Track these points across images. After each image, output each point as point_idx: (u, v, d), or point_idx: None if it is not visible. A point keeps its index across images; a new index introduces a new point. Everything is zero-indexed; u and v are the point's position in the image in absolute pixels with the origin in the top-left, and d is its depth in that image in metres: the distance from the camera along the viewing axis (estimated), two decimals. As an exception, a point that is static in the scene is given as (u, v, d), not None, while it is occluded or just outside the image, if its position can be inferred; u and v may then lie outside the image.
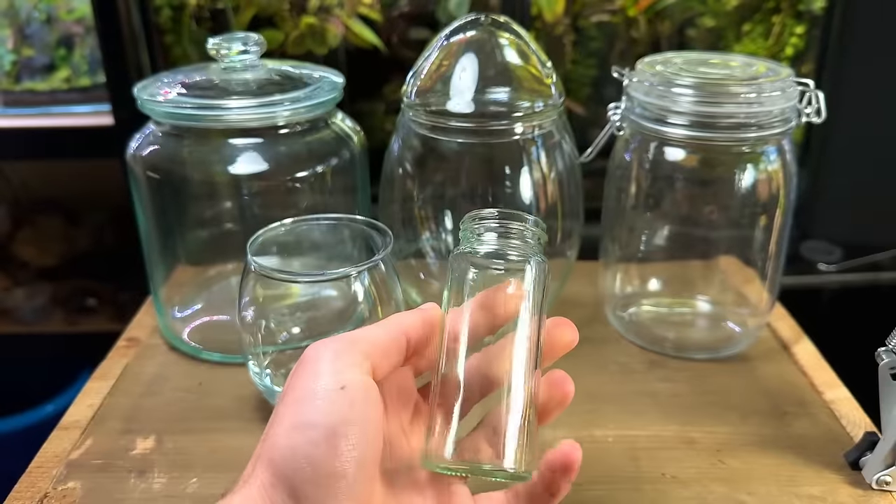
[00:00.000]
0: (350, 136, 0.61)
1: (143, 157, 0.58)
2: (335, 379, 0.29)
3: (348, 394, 0.29)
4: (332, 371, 0.30)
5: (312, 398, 0.29)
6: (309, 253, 0.53)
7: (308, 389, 0.29)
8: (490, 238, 0.35)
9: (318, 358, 0.30)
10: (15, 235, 1.18)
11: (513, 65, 0.56)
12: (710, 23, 0.77)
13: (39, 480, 0.47)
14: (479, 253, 0.35)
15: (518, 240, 0.35)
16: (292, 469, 0.28)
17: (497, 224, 0.35)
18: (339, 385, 0.29)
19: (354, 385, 0.29)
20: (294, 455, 0.29)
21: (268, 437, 0.30)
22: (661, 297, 0.66)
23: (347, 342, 0.31)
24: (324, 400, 0.29)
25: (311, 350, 0.31)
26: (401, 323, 0.33)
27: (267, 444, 0.30)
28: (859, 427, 0.52)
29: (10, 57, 0.98)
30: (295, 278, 0.46)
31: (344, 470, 0.28)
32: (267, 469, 0.29)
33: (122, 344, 0.63)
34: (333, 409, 0.29)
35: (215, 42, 0.58)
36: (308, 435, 0.28)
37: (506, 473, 0.32)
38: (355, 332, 0.32)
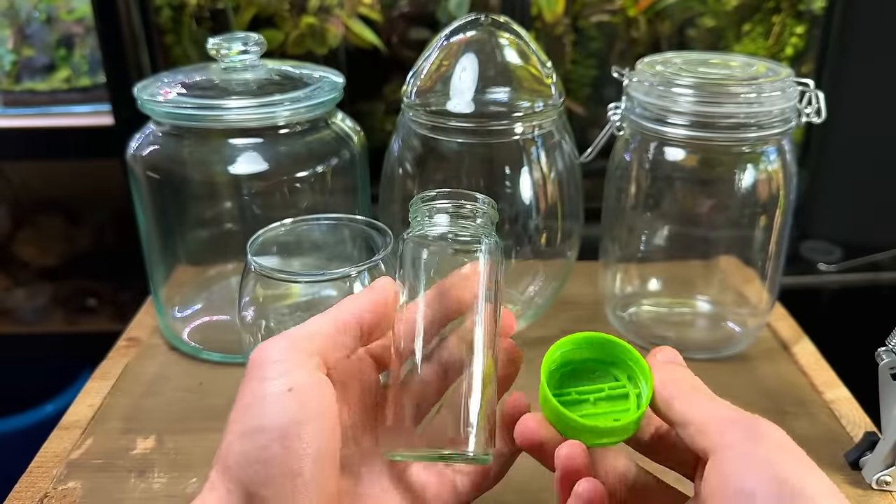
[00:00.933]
0: (350, 136, 0.61)
1: (144, 157, 0.58)
2: (282, 381, 0.29)
3: (297, 395, 0.29)
4: (278, 373, 0.30)
5: (261, 402, 0.29)
6: (309, 253, 0.53)
7: (256, 394, 0.29)
8: (441, 219, 0.35)
9: (264, 360, 0.30)
10: (15, 235, 1.19)
11: (513, 65, 0.56)
12: (710, 23, 0.77)
13: (39, 480, 0.48)
14: (429, 235, 0.35)
15: (469, 220, 0.35)
16: (246, 475, 0.28)
17: (447, 204, 0.35)
18: (286, 387, 0.29)
19: (302, 385, 0.29)
20: (247, 460, 0.29)
21: (222, 445, 0.30)
22: (661, 297, 0.66)
23: (293, 340, 0.31)
24: (272, 403, 0.29)
25: (257, 352, 0.31)
26: (351, 309, 0.32)
27: (221, 451, 0.30)
28: (859, 427, 0.52)
29: (11, 57, 0.98)
30: (295, 278, 0.46)
31: (300, 468, 0.28)
32: (222, 477, 0.29)
33: (122, 344, 0.63)
34: (282, 411, 0.29)
35: (215, 42, 0.58)
36: (258, 440, 0.29)
37: (466, 458, 0.32)
38: (302, 328, 0.32)
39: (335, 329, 0.32)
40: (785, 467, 0.27)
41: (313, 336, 0.31)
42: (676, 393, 0.31)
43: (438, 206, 0.35)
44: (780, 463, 0.27)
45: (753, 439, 0.28)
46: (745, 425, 0.29)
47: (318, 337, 0.31)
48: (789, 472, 0.27)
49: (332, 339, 0.31)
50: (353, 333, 0.32)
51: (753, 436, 0.28)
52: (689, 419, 0.30)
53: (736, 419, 0.29)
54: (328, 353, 0.31)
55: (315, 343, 0.31)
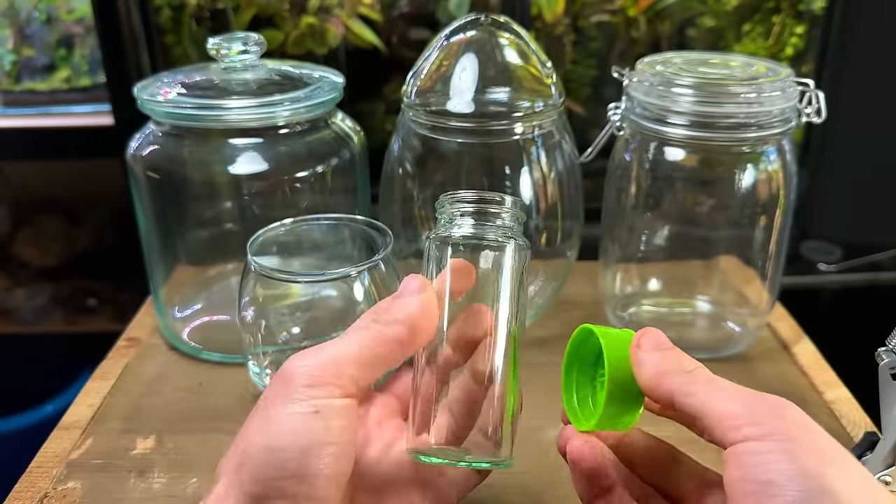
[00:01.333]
0: (350, 136, 0.61)
1: (144, 157, 0.58)
2: (309, 404, 0.29)
3: (322, 418, 0.29)
4: (306, 394, 0.29)
5: (285, 421, 0.29)
6: (309, 253, 0.53)
7: (280, 411, 0.29)
8: (467, 221, 0.34)
9: (293, 378, 0.30)
10: (15, 235, 1.18)
11: (513, 65, 0.56)
12: (710, 23, 0.77)
13: (39, 480, 0.47)
14: (454, 236, 0.34)
15: (495, 221, 0.34)
16: (260, 488, 0.29)
17: (473, 206, 0.34)
18: (312, 409, 0.29)
19: (328, 409, 0.29)
20: (263, 475, 0.29)
21: (238, 451, 0.30)
22: (661, 297, 0.66)
23: (325, 362, 0.30)
24: (296, 423, 0.29)
25: (288, 366, 0.30)
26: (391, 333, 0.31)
27: (234, 458, 0.30)
28: (859, 427, 0.52)
29: (11, 57, 0.98)
30: (295, 278, 0.46)
31: (313, 488, 0.28)
32: (234, 486, 0.29)
33: (122, 344, 0.63)
34: (306, 432, 0.29)
35: (215, 42, 0.58)
36: (278, 457, 0.29)
37: (494, 463, 0.32)
38: (336, 348, 0.31)
39: (369, 352, 0.31)
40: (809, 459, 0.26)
41: (346, 358, 0.30)
42: (674, 386, 0.30)
43: (464, 207, 0.34)
44: (802, 454, 0.26)
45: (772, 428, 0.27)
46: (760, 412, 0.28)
47: (350, 360, 0.30)
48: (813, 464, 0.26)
49: (367, 362, 0.31)
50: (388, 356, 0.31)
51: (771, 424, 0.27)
52: (696, 412, 0.29)
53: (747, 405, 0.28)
54: (362, 378, 0.31)
55: (347, 367, 0.30)
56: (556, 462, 0.49)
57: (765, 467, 0.26)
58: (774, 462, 0.26)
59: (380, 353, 0.31)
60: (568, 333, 0.36)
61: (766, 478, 0.26)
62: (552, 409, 0.54)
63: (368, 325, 0.31)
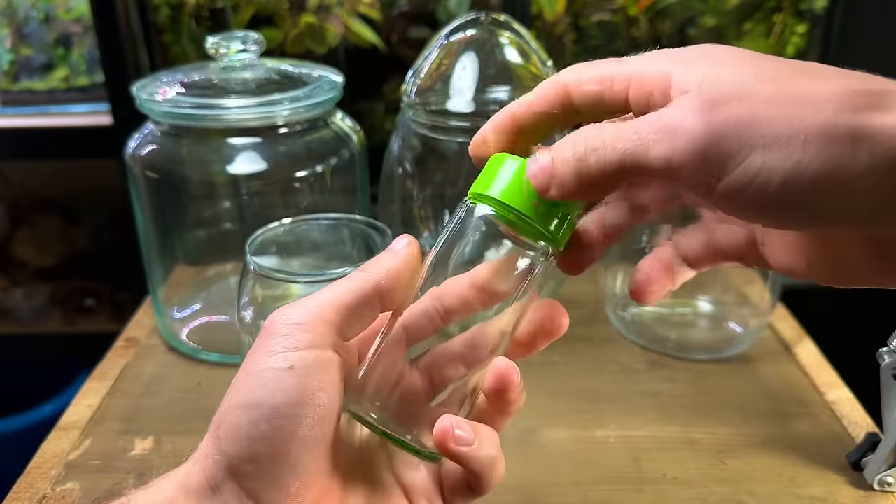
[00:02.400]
0: (349, 135, 0.61)
1: (142, 157, 0.57)
2: (285, 357, 0.28)
3: (296, 374, 0.28)
4: (283, 347, 0.28)
5: (259, 376, 0.28)
6: (308, 253, 0.53)
7: (257, 367, 0.28)
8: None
9: (274, 332, 0.29)
10: (13, 235, 1.18)
11: (513, 64, 0.56)
12: (711, 22, 0.77)
13: (38, 481, 0.47)
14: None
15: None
16: (233, 448, 0.28)
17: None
18: (287, 364, 0.28)
19: (305, 364, 0.28)
20: (236, 434, 0.28)
21: (220, 409, 0.29)
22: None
23: (307, 311, 0.29)
24: (270, 379, 0.28)
25: (270, 319, 0.29)
26: (370, 277, 0.30)
27: (215, 419, 0.29)
28: (861, 428, 0.51)
29: (8, 56, 0.98)
30: (294, 278, 0.46)
31: (286, 450, 0.27)
32: (212, 445, 0.29)
33: (120, 344, 0.62)
34: (278, 390, 0.28)
35: (214, 41, 0.57)
36: (251, 415, 0.28)
37: (424, 453, 0.30)
38: (319, 297, 0.29)
39: (353, 298, 0.29)
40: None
41: (329, 306, 0.29)
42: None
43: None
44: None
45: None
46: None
47: (334, 308, 0.29)
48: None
49: (351, 309, 0.29)
50: (371, 303, 0.30)
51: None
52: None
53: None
54: (346, 324, 0.29)
55: (330, 315, 0.29)
56: (554, 462, 0.49)
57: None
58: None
59: (361, 300, 0.30)
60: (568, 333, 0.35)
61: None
62: (551, 410, 0.54)
63: (352, 275, 0.31)
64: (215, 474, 0.28)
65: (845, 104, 0.23)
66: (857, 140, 0.23)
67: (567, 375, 0.57)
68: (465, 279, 0.31)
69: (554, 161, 0.27)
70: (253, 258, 0.46)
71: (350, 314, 0.29)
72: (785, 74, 0.24)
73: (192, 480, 0.28)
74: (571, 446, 0.50)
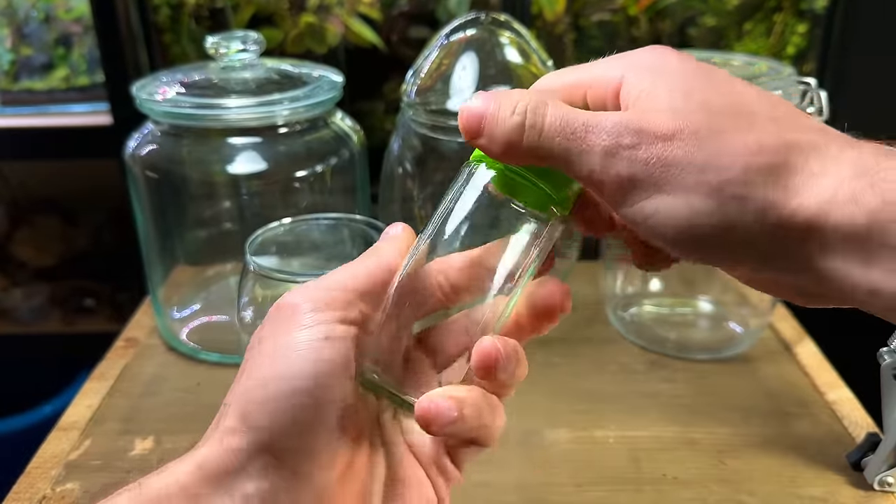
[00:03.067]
0: (349, 135, 0.61)
1: (142, 157, 0.57)
2: (319, 329, 0.28)
3: (333, 345, 0.27)
4: (315, 321, 0.28)
5: (294, 348, 0.27)
6: (308, 253, 0.52)
7: (288, 339, 0.28)
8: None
9: (298, 307, 0.28)
10: (13, 235, 1.18)
11: (513, 64, 0.56)
12: (712, 22, 0.77)
13: (38, 481, 0.47)
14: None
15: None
16: (269, 422, 0.27)
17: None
18: (323, 335, 0.27)
19: (339, 334, 0.28)
20: (273, 405, 0.27)
21: (239, 389, 0.28)
22: (663, 297, 0.66)
23: (328, 290, 0.29)
24: (308, 350, 0.27)
25: (288, 296, 0.29)
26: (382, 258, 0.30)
27: (239, 396, 0.28)
28: (861, 428, 0.51)
29: (9, 56, 0.97)
30: (294, 278, 0.46)
31: (325, 420, 0.27)
32: (238, 421, 0.27)
33: (120, 344, 0.62)
34: (318, 359, 0.27)
35: (214, 41, 0.57)
36: (288, 386, 0.27)
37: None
38: (336, 276, 0.29)
39: (369, 278, 0.29)
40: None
41: (348, 287, 0.29)
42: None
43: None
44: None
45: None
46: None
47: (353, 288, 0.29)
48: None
49: (370, 287, 0.29)
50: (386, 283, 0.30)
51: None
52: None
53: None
54: (364, 298, 0.29)
55: (350, 295, 0.29)
56: (554, 463, 0.49)
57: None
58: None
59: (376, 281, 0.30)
60: (569, 334, 0.36)
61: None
62: (551, 411, 0.54)
63: (363, 258, 0.31)
64: (242, 452, 0.27)
65: (752, 166, 0.24)
66: (748, 203, 0.24)
67: (567, 376, 0.57)
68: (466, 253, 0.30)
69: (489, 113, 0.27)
70: (253, 258, 0.46)
71: (366, 294, 0.29)
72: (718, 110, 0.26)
73: (212, 461, 0.28)
74: (571, 447, 0.50)
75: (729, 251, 0.26)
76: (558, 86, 0.29)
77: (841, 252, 0.24)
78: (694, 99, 0.26)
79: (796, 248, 0.25)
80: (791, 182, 0.24)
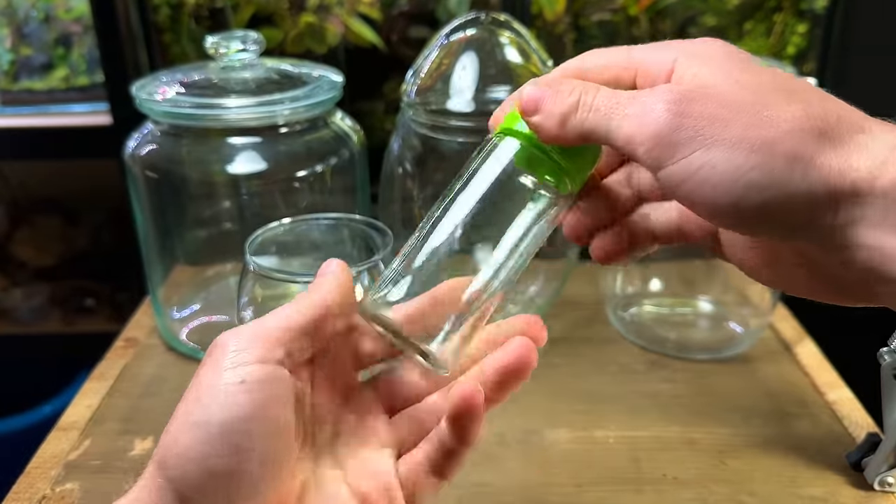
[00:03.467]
0: (349, 135, 0.61)
1: (142, 157, 0.57)
2: (235, 372, 0.27)
3: (247, 390, 0.27)
4: (233, 363, 0.27)
5: (209, 393, 0.27)
6: (308, 253, 0.52)
7: (206, 383, 0.27)
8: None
9: (222, 350, 0.28)
10: (13, 235, 1.18)
11: (513, 63, 0.56)
12: (712, 21, 0.77)
13: (38, 481, 0.47)
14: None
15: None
16: (184, 472, 0.26)
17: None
18: (238, 379, 0.27)
19: (256, 378, 0.27)
20: (186, 456, 0.26)
21: (162, 439, 0.28)
22: (663, 297, 0.65)
23: (254, 330, 0.29)
24: (221, 394, 0.27)
25: (217, 340, 0.29)
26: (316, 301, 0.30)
27: (160, 445, 0.27)
28: (861, 428, 0.51)
29: (8, 56, 0.97)
30: (294, 278, 0.45)
31: (243, 469, 0.26)
32: (158, 471, 0.27)
33: (120, 344, 0.62)
34: (232, 405, 0.27)
35: (214, 41, 0.57)
36: (200, 434, 0.26)
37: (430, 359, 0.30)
38: (266, 318, 0.29)
39: (302, 318, 0.29)
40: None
41: (277, 327, 0.29)
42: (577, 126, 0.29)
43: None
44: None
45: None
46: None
47: (281, 328, 0.29)
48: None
49: (300, 328, 0.29)
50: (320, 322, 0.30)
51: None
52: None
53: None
54: (296, 344, 0.29)
55: (278, 333, 0.29)
56: (554, 463, 0.49)
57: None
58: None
59: (309, 322, 0.30)
60: (569, 334, 0.36)
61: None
62: (551, 411, 0.54)
63: (298, 299, 0.30)
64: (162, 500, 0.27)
65: (799, 128, 0.25)
66: (796, 161, 0.24)
67: (567, 376, 0.57)
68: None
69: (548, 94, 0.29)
70: (253, 258, 0.46)
71: (299, 335, 0.29)
72: (764, 88, 0.26)
73: None
74: (571, 447, 0.50)
75: (765, 214, 0.25)
76: (604, 63, 0.30)
77: (881, 222, 0.25)
78: (743, 79, 0.26)
79: (833, 215, 0.25)
80: (840, 146, 0.25)
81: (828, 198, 0.25)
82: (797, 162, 0.24)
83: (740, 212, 0.25)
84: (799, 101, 0.26)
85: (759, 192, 0.25)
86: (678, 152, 0.25)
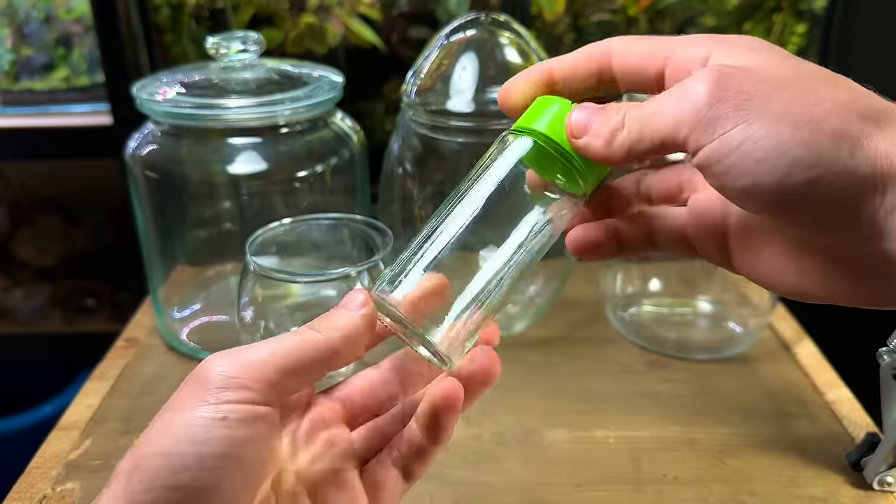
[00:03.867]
0: (350, 135, 0.61)
1: (142, 157, 0.57)
2: (217, 408, 0.26)
3: (227, 427, 0.26)
4: (218, 399, 0.26)
5: (187, 423, 0.26)
6: (308, 253, 0.53)
7: (187, 414, 0.26)
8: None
9: (207, 379, 0.27)
10: (14, 235, 1.18)
11: (513, 64, 0.56)
12: (711, 22, 0.77)
13: (38, 481, 0.47)
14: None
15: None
16: (147, 497, 0.26)
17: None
18: (220, 415, 0.26)
19: (238, 416, 0.26)
20: (153, 481, 0.26)
21: (135, 453, 0.27)
22: (663, 297, 0.66)
23: (246, 365, 0.27)
24: (199, 428, 0.26)
25: (204, 364, 0.28)
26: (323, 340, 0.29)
27: (133, 460, 0.27)
28: (861, 428, 0.51)
29: (9, 56, 0.97)
30: (294, 278, 0.46)
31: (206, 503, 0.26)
32: (122, 490, 0.27)
33: (120, 344, 0.62)
34: (208, 441, 0.26)
35: (214, 41, 0.57)
36: (171, 463, 0.26)
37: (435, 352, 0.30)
38: (261, 351, 0.28)
39: (302, 360, 0.28)
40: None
41: (271, 365, 0.28)
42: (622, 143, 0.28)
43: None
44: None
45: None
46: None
47: (276, 367, 0.28)
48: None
49: (296, 370, 0.28)
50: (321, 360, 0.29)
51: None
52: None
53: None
54: (287, 384, 0.28)
55: (271, 373, 0.27)
56: (554, 463, 0.49)
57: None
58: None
59: (308, 360, 0.28)
60: (568, 334, 0.36)
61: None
62: (550, 411, 0.54)
63: (302, 331, 0.29)
64: None
65: (844, 109, 0.24)
66: (844, 139, 0.24)
67: (567, 376, 0.57)
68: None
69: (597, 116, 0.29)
70: (253, 258, 0.46)
71: (293, 374, 0.28)
72: (806, 73, 0.26)
73: None
74: (571, 447, 0.50)
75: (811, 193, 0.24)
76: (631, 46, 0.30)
77: None
78: (785, 63, 0.26)
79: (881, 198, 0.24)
80: (887, 130, 0.24)
81: (874, 181, 0.24)
82: (844, 141, 0.23)
83: (784, 190, 0.24)
84: (844, 88, 0.25)
85: (806, 169, 0.23)
86: (719, 127, 0.24)
